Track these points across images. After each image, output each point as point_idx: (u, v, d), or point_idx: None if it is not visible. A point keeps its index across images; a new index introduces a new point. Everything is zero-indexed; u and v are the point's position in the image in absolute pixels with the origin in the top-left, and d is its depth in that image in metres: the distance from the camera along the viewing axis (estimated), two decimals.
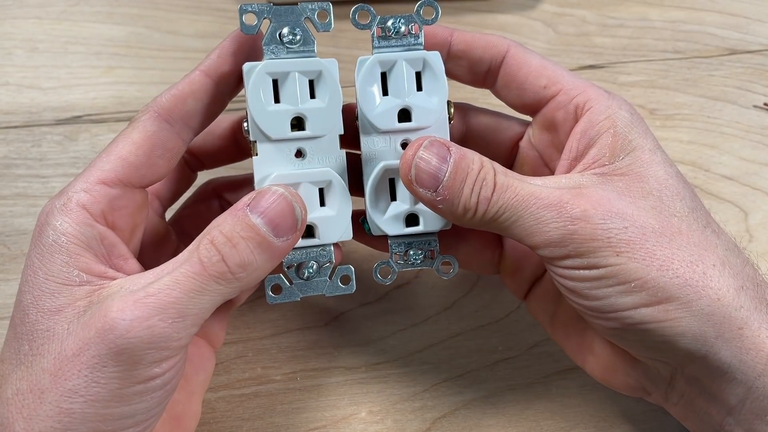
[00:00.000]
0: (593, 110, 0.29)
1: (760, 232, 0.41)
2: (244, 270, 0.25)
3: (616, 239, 0.26)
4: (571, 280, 0.27)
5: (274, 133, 0.28)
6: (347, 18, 0.29)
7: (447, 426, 0.35)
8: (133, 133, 0.27)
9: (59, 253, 0.25)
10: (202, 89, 0.28)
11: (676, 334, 0.26)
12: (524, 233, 0.27)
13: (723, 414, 0.28)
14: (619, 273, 0.26)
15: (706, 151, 0.44)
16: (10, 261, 0.38)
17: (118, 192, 0.27)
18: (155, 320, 0.24)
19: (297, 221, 0.26)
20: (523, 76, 0.30)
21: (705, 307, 0.26)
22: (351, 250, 0.39)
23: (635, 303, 0.26)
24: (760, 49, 0.47)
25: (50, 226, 0.26)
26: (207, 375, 0.32)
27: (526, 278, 0.33)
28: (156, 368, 0.24)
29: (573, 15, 0.48)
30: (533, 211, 0.27)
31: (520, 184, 0.27)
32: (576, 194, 0.27)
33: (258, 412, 0.35)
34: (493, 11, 0.47)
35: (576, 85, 0.30)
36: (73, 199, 0.26)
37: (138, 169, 0.27)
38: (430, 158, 0.27)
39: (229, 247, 0.25)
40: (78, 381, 0.23)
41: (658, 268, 0.26)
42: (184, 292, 0.24)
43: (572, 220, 0.26)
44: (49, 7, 0.44)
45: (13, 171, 0.40)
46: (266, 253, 0.25)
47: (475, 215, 0.27)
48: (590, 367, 0.31)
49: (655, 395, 0.30)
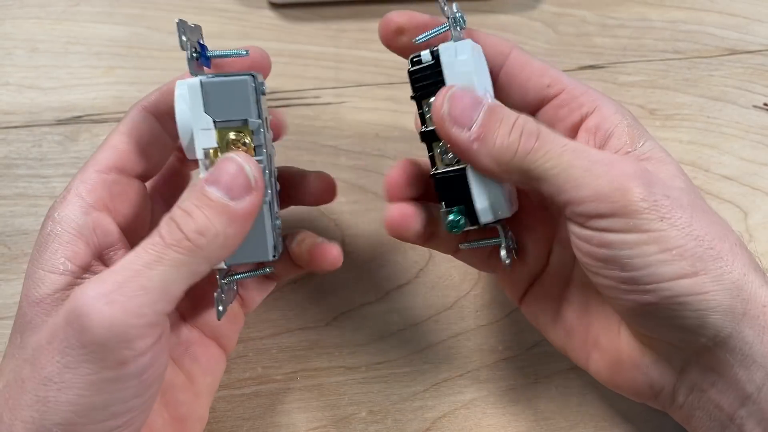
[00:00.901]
0: (602, 107, 0.30)
1: (760, 232, 0.41)
2: (203, 236, 0.25)
3: (660, 204, 0.26)
4: (609, 248, 0.26)
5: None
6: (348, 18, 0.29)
7: (447, 426, 0.35)
8: (121, 125, 0.29)
9: (52, 241, 0.26)
10: None
11: (709, 308, 0.26)
12: (570, 184, 0.26)
13: (736, 405, 0.28)
14: (661, 239, 0.26)
15: (706, 151, 0.44)
16: (10, 261, 0.38)
17: (114, 177, 0.28)
18: (115, 295, 0.23)
19: (250, 179, 0.26)
20: (527, 75, 0.31)
21: (735, 281, 0.26)
22: (351, 250, 0.39)
23: (676, 273, 0.26)
24: (759, 49, 0.47)
25: (50, 218, 0.27)
26: (215, 378, 0.32)
27: (525, 275, 0.33)
28: (125, 350, 0.24)
29: (573, 15, 0.48)
30: (583, 162, 0.26)
31: (565, 137, 0.27)
32: (620, 159, 0.27)
33: (258, 412, 0.35)
34: (493, 11, 0.47)
35: (577, 85, 0.31)
36: (72, 191, 0.27)
37: (129, 154, 0.28)
38: (463, 95, 0.27)
39: (185, 217, 0.25)
40: (52, 368, 0.24)
41: (696, 239, 0.26)
42: (144, 264, 0.24)
43: (625, 176, 0.26)
44: (49, 7, 0.44)
45: (14, 171, 0.40)
46: (224, 216, 0.25)
47: (516, 155, 0.27)
48: (595, 366, 0.31)
49: (660, 397, 0.30)
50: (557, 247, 0.33)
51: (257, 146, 0.28)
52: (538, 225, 0.33)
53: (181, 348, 0.31)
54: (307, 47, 0.44)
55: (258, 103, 0.28)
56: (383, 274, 0.39)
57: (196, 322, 0.31)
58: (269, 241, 0.28)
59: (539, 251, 0.33)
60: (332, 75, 0.44)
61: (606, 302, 0.31)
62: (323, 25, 0.45)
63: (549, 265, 0.33)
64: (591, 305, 0.31)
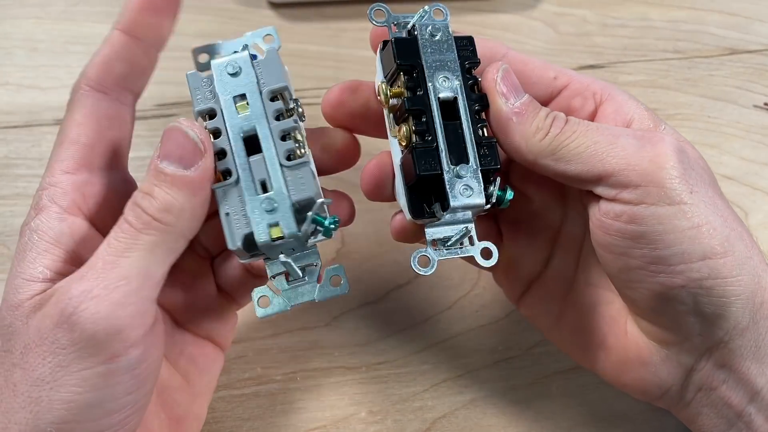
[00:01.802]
0: (614, 94, 0.30)
1: (761, 232, 0.41)
2: (170, 212, 0.25)
3: (689, 175, 0.26)
4: (640, 223, 0.26)
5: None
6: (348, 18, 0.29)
7: (447, 426, 0.35)
8: (75, 114, 0.27)
9: (30, 250, 0.26)
10: (126, 48, 0.27)
11: (733, 296, 0.26)
12: (598, 158, 0.27)
13: (745, 401, 0.28)
14: (691, 212, 0.26)
15: (706, 150, 0.43)
16: (10, 261, 0.38)
17: (84, 177, 0.27)
18: (98, 289, 0.23)
19: (196, 143, 0.25)
20: (531, 71, 0.31)
21: (755, 267, 0.26)
22: (351, 250, 0.39)
23: (705, 252, 0.26)
24: (760, 49, 0.47)
25: (27, 227, 0.26)
26: (212, 377, 0.32)
27: (522, 276, 0.33)
28: (116, 342, 0.24)
29: (573, 15, 0.48)
30: (610, 137, 0.27)
31: (590, 122, 0.28)
32: (647, 132, 0.28)
33: (258, 412, 0.35)
34: (493, 11, 0.47)
35: (583, 76, 0.31)
36: (44, 196, 0.26)
37: (93, 148, 0.27)
38: (513, 77, 0.29)
39: (146, 198, 0.25)
40: (44, 369, 0.23)
41: (721, 216, 0.26)
42: (118, 254, 0.24)
43: (653, 144, 0.26)
44: (49, 6, 0.44)
45: (13, 171, 0.40)
46: (184, 188, 0.25)
47: (546, 136, 0.27)
48: (602, 365, 0.31)
49: (667, 395, 0.29)
50: (559, 251, 0.33)
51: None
52: (536, 232, 0.33)
53: (176, 350, 0.31)
54: (307, 47, 0.44)
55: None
56: (383, 274, 0.39)
57: (189, 323, 0.31)
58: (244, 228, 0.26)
59: (536, 257, 0.33)
60: (332, 75, 0.43)
61: (613, 302, 0.31)
62: (323, 25, 0.45)
63: (548, 269, 0.33)
64: (597, 306, 0.31)
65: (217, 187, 0.26)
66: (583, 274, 0.32)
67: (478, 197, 0.27)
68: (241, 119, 0.27)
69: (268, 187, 0.26)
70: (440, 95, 0.28)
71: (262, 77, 0.27)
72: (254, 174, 0.26)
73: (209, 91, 0.27)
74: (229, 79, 0.27)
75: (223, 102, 0.27)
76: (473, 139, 0.28)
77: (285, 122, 0.27)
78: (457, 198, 0.27)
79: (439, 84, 0.28)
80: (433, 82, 0.28)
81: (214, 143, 0.27)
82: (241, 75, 0.27)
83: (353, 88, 0.30)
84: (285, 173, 0.26)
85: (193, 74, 0.28)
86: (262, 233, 0.26)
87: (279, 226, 0.26)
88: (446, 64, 0.29)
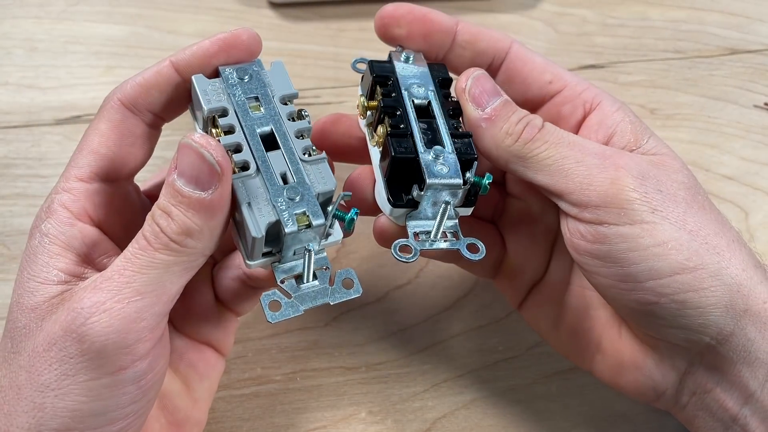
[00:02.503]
0: (604, 104, 0.30)
1: (761, 232, 0.41)
2: (189, 235, 0.24)
3: (651, 196, 0.26)
4: (604, 242, 0.26)
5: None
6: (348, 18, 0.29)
7: (447, 426, 0.35)
8: (101, 124, 0.27)
9: (41, 254, 0.26)
10: (169, 82, 0.27)
11: (710, 305, 0.26)
12: (562, 174, 0.27)
13: (739, 404, 0.28)
14: (654, 231, 0.26)
15: (706, 150, 0.44)
16: (10, 261, 0.38)
17: (97, 187, 0.27)
18: (112, 302, 0.23)
19: (213, 166, 0.24)
20: (528, 72, 0.31)
21: (734, 276, 0.26)
22: (351, 251, 0.39)
23: (672, 268, 0.26)
24: (760, 49, 0.47)
25: (37, 230, 0.26)
26: (213, 381, 0.32)
27: (525, 281, 0.33)
28: (125, 355, 0.24)
29: (573, 14, 0.48)
30: (578, 154, 0.27)
31: (566, 132, 0.28)
32: (616, 153, 0.28)
33: (258, 413, 0.35)
34: (493, 11, 0.47)
35: (579, 81, 0.31)
36: (56, 201, 0.26)
37: (111, 160, 0.27)
38: (486, 81, 0.29)
39: (165, 218, 0.24)
40: (49, 375, 0.24)
41: (690, 233, 0.26)
42: (136, 270, 0.24)
43: (616, 167, 0.27)
44: (48, 6, 0.44)
45: (13, 171, 0.40)
46: (201, 211, 0.24)
47: (516, 143, 0.28)
48: (599, 368, 0.31)
49: (663, 398, 0.30)
50: (556, 255, 0.33)
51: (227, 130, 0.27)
52: (538, 237, 0.33)
53: (176, 355, 0.31)
54: (306, 46, 0.44)
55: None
56: (383, 274, 0.39)
57: (188, 329, 0.31)
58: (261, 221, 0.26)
59: (538, 262, 0.33)
60: (332, 74, 0.43)
61: (606, 305, 0.31)
62: (323, 25, 0.45)
63: (548, 272, 0.33)
64: (591, 308, 0.31)
65: (236, 178, 0.26)
66: (577, 277, 0.32)
67: (455, 176, 0.28)
68: (256, 118, 0.27)
69: (289, 180, 0.27)
70: (415, 101, 0.29)
71: (272, 85, 0.28)
72: (274, 167, 0.27)
73: (219, 92, 0.27)
74: (239, 83, 0.28)
75: (236, 102, 0.27)
76: (449, 132, 0.28)
77: (300, 123, 0.28)
78: (434, 174, 0.27)
79: (413, 91, 0.29)
80: (407, 90, 0.29)
81: (229, 138, 0.27)
82: (251, 81, 0.28)
83: (334, 121, 0.32)
84: (305, 167, 0.27)
85: (200, 77, 0.27)
86: (289, 221, 0.26)
87: (307, 215, 0.26)
88: (419, 76, 0.30)
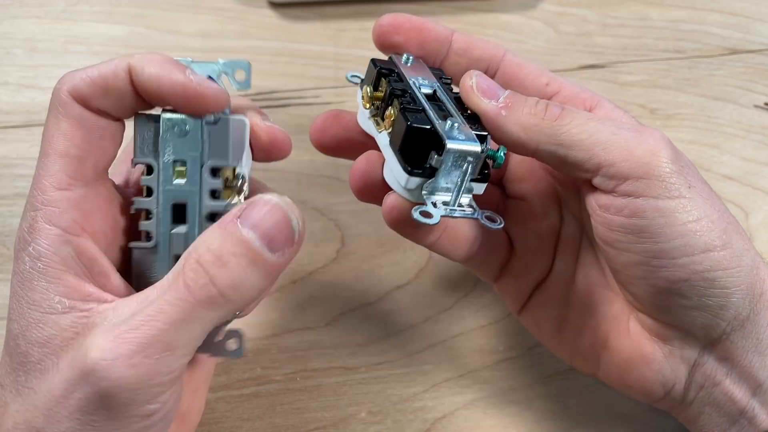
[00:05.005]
0: (602, 103, 0.30)
1: (761, 232, 0.41)
2: (237, 291, 0.23)
3: (686, 171, 0.27)
4: (641, 216, 0.26)
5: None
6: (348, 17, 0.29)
7: (447, 426, 0.35)
8: (60, 123, 0.24)
9: (38, 279, 0.23)
10: (126, 85, 0.25)
11: (734, 286, 0.26)
12: (600, 147, 0.26)
13: (748, 395, 0.28)
14: (690, 206, 0.26)
15: (707, 150, 0.43)
16: (10, 261, 0.38)
17: (80, 193, 0.25)
18: (140, 358, 0.22)
19: (294, 233, 0.24)
20: (524, 76, 0.31)
21: (752, 258, 0.27)
22: (351, 250, 0.39)
23: (706, 245, 0.26)
24: (761, 49, 0.47)
25: (25, 252, 0.24)
26: (209, 368, 0.32)
27: (530, 281, 0.33)
28: (150, 405, 0.23)
29: (573, 14, 0.48)
30: (611, 127, 0.27)
31: (588, 111, 0.28)
32: (646, 127, 0.28)
33: (258, 413, 0.35)
34: (493, 11, 0.47)
35: (575, 84, 0.31)
36: (38, 218, 0.24)
37: (84, 160, 0.25)
38: (489, 78, 0.29)
39: (218, 266, 0.22)
40: (70, 424, 0.22)
41: (718, 211, 0.27)
42: (170, 323, 0.22)
43: (654, 139, 0.27)
44: (49, 6, 0.44)
45: (13, 171, 0.40)
46: (261, 270, 0.23)
47: (543, 121, 0.27)
48: (604, 368, 0.31)
49: (670, 395, 0.29)
50: (560, 253, 0.33)
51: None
52: (543, 236, 0.33)
53: None
54: (306, 46, 0.44)
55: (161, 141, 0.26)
56: (383, 274, 0.39)
57: None
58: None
59: (543, 261, 0.33)
60: (332, 74, 0.43)
61: (613, 300, 0.31)
62: (323, 25, 0.45)
63: (553, 270, 0.33)
64: (598, 306, 0.31)
65: (134, 246, 0.26)
66: (582, 274, 0.32)
67: (473, 142, 0.26)
68: (175, 187, 0.26)
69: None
70: (422, 88, 0.29)
71: (210, 147, 0.26)
72: (172, 247, 0.26)
73: (152, 142, 0.26)
74: (174, 139, 0.26)
75: (162, 163, 0.26)
76: (459, 112, 0.28)
77: (217, 204, 0.26)
78: (453, 138, 0.26)
79: (418, 81, 0.29)
80: (413, 80, 0.29)
81: (143, 201, 0.26)
82: (188, 138, 0.26)
83: (335, 116, 0.32)
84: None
85: (142, 119, 0.26)
86: None
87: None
88: (421, 73, 0.30)
